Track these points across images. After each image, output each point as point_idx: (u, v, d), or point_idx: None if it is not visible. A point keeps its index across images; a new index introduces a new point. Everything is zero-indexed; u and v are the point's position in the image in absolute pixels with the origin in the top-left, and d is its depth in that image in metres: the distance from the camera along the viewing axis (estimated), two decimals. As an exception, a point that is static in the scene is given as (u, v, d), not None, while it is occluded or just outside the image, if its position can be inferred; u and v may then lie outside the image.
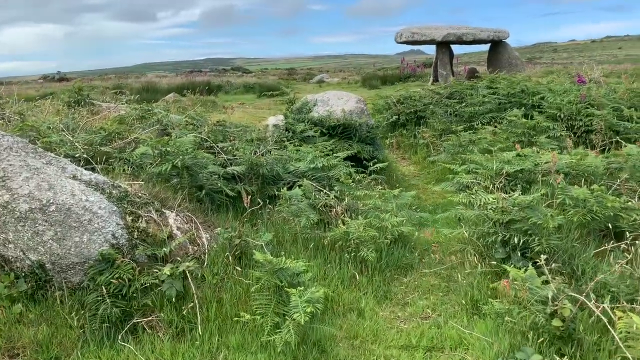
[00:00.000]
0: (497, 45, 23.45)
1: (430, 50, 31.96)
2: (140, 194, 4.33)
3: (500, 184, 4.98)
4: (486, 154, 5.71)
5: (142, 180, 4.47)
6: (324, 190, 5.03)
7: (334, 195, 4.95)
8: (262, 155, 5.59)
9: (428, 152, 8.53)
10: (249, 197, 4.61)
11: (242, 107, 16.20)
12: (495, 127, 8.23)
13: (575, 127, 7.55)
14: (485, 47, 25.00)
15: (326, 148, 6.21)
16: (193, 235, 4.42)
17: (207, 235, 4.57)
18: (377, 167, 6.09)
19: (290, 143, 6.41)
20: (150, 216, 4.21)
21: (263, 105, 17.65)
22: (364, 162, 7.73)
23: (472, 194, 4.70)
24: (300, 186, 4.94)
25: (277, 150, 6.27)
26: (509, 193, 4.97)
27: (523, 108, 8.24)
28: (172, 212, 4.45)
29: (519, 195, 4.48)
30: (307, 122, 7.74)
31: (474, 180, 5.01)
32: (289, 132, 7.29)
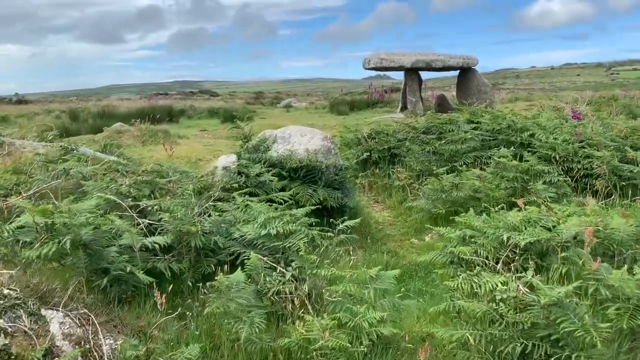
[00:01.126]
0: (466, 72, 22.76)
1: (398, 75, 31.27)
2: (7, 290, 2.98)
3: (507, 258, 3.79)
4: (483, 214, 4.51)
5: (17, 268, 3.10)
6: (279, 267, 3.74)
7: (292, 276, 3.67)
8: (200, 215, 4.27)
9: (404, 195, 7.35)
10: (179, 275, 3.31)
11: (201, 136, 14.83)
12: (482, 169, 7.11)
13: (574, 171, 6.49)
14: (453, 72, 24.41)
15: (284, 202, 4.93)
16: (88, 346, 3.08)
17: (111, 342, 3.22)
18: (347, 226, 4.84)
19: (240, 195, 5.11)
20: (18, 325, 2.86)
21: (225, 134, 16.32)
22: (332, 212, 6.50)
23: (474, 276, 3.49)
24: (243, 265, 3.63)
25: (222, 204, 4.96)
26: (519, 271, 3.78)
27: (511, 147, 7.17)
28: (58, 311, 3.11)
29: (534, 277, 3.29)
30: (264, 164, 6.47)
31: (473, 256, 3.79)
32: (241, 176, 5.99)
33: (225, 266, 3.89)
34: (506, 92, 47.65)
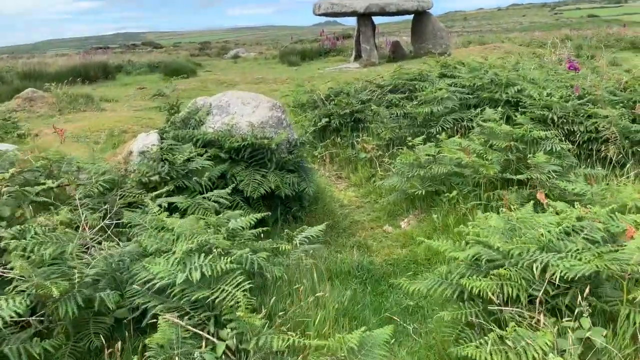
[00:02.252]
0: (421, 15, 21.27)
1: (349, 20, 29.34)
2: None
3: (545, 294, 2.54)
4: (496, 215, 3.20)
5: None
6: (206, 335, 2.37)
7: (227, 349, 2.31)
8: (87, 248, 2.81)
9: (372, 170, 6.03)
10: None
11: (136, 97, 12.93)
12: (464, 135, 5.83)
13: (576, 135, 5.29)
14: (407, 17, 22.90)
15: (223, 220, 3.47)
16: None
17: None
18: (308, 236, 3.47)
19: (155, 198, 3.65)
20: None
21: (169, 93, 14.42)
22: (287, 202, 5.11)
23: (507, 338, 2.23)
24: (154, 326, 2.24)
25: (133, 214, 3.48)
26: (564, 315, 2.53)
27: (496, 106, 5.91)
28: None
29: (595, 330, 2.06)
30: (196, 143, 4.96)
31: (497, 295, 2.50)
32: (164, 163, 4.48)
33: (126, 331, 2.49)
34: (457, 35, 46.44)
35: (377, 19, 21.65)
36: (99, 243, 2.92)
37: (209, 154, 4.83)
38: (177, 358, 2.18)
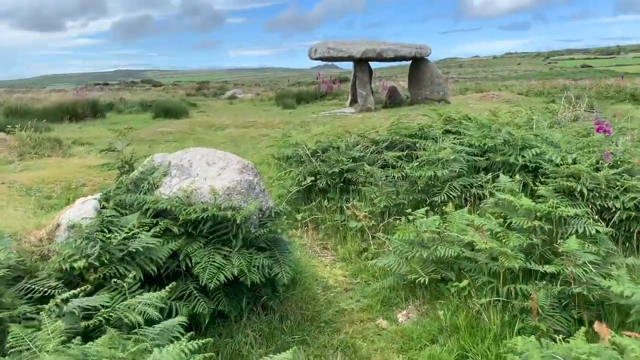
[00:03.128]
0: (419, 61, 20.67)
1: (346, 64, 28.67)
2: None
3: None
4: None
5: None
6: None
7: None
8: None
9: (364, 243, 5.02)
10: None
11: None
12: (473, 206, 4.85)
13: (610, 211, 4.31)
14: (404, 62, 22.33)
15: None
16: None
17: None
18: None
19: (59, 305, 2.62)
20: None
21: (154, 135, 13.49)
22: (256, 289, 4.06)
23: None
24: None
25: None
26: None
27: (512, 172, 4.95)
28: None
29: None
30: (148, 212, 3.95)
31: None
32: (95, 244, 3.45)
33: None
34: (453, 82, 46.29)
35: (374, 64, 21.06)
36: None
37: (159, 227, 3.81)
38: None
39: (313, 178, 5.50)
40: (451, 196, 4.89)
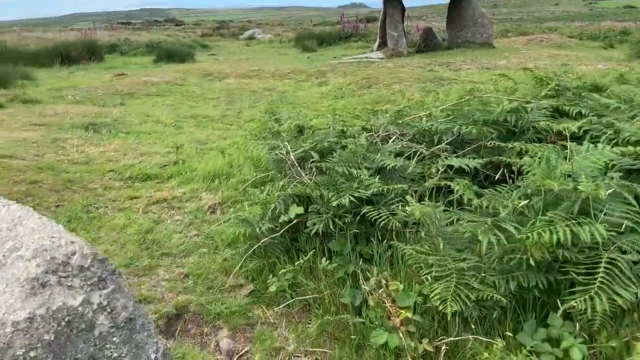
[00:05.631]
0: (460, -2, 17.06)
1: (376, 3, 25.15)
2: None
3: None
4: None
5: None
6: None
7: None
8: None
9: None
10: None
11: (80, 95, 9.15)
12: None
13: None
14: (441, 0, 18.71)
15: None
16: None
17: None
18: None
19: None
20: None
21: (136, 86, 10.59)
22: None
23: None
24: None
25: None
26: None
27: None
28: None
29: None
30: None
31: None
32: None
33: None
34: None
35: (407, 1, 17.52)
36: None
37: None
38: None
39: (302, 208, 2.69)
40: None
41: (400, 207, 2.54)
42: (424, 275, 2.19)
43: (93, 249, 1.45)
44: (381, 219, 2.49)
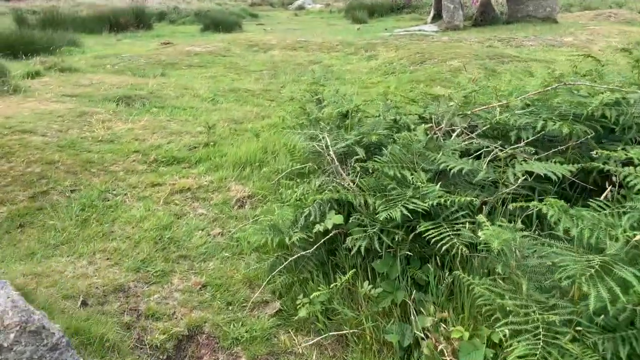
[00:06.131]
0: (523, -33, 15.74)
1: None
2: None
3: None
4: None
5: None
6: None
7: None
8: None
9: None
10: None
11: (118, 64, 8.85)
12: None
13: None
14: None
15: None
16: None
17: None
18: None
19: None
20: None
21: (179, 56, 10.22)
22: None
23: None
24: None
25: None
26: None
27: None
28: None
29: None
30: None
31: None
32: None
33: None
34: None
35: (465, -30, 16.33)
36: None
37: None
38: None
39: (341, 218, 2.17)
40: None
41: (467, 226, 1.97)
42: (499, 328, 1.64)
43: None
44: (443, 242, 1.94)
